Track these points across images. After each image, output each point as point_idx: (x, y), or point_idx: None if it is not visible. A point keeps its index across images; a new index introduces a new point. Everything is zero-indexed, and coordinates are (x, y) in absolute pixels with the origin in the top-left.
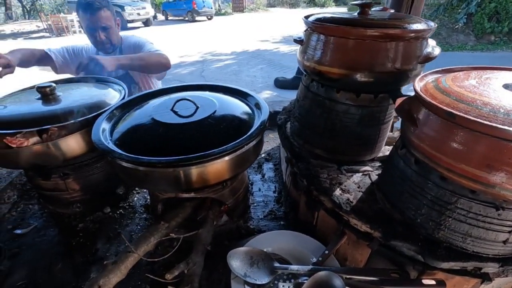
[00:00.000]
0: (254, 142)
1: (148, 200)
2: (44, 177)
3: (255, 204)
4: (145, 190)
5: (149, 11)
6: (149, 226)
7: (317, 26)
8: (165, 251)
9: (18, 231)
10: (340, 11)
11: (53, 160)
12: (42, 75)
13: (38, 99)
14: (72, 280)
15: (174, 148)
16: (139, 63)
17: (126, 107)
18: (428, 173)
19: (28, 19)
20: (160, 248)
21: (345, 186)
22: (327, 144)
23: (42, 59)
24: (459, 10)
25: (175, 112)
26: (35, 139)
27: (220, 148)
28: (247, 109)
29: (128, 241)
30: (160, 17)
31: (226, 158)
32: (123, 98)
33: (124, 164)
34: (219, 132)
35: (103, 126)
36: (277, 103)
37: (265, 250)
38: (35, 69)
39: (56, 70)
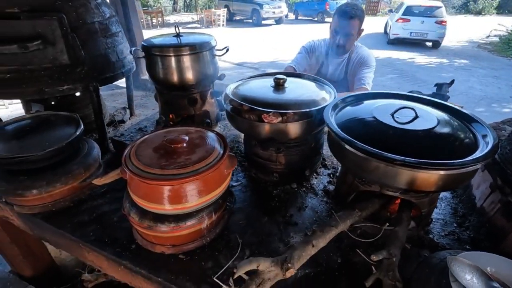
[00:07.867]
0: (480, 165)
1: (327, 185)
2: (264, 148)
3: (434, 220)
4: (323, 175)
5: (283, 10)
6: (345, 210)
7: None
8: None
9: (233, 183)
10: None
11: (282, 137)
12: None
13: (272, 86)
14: (277, 232)
15: (398, 150)
16: None
17: (344, 102)
18: None
19: (187, 11)
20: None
21: None
22: None
23: None
24: None
25: (394, 118)
26: (280, 119)
27: (461, 160)
28: (468, 133)
29: (314, 216)
30: (291, 16)
31: (461, 170)
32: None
33: (360, 154)
34: (445, 145)
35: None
36: None
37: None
38: None
39: None
